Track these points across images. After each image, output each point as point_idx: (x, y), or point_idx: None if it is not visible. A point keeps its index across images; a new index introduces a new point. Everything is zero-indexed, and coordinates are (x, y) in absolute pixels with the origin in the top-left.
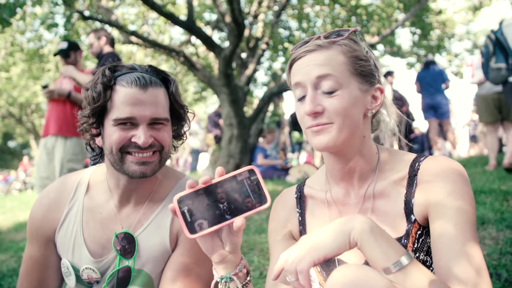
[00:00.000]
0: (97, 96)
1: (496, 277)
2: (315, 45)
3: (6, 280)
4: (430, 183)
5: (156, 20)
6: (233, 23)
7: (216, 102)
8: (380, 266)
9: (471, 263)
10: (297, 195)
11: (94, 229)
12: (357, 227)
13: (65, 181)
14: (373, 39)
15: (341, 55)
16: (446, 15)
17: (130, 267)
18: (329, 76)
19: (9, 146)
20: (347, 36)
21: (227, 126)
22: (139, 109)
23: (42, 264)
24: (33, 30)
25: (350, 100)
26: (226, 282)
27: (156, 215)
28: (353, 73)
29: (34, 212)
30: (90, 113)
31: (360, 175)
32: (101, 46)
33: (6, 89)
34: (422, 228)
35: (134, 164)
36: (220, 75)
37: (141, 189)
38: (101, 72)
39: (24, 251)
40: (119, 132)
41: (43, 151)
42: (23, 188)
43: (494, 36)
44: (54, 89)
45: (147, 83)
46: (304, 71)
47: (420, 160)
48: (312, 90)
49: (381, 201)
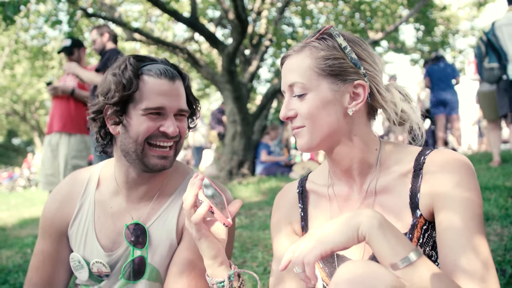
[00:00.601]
0: (127, 83)
1: (501, 273)
2: (292, 50)
3: (12, 276)
4: (436, 176)
5: (159, 17)
6: (237, 20)
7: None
8: (388, 261)
9: (478, 256)
10: (299, 190)
11: (105, 224)
12: (365, 222)
13: (76, 177)
14: (377, 36)
15: (307, 58)
16: (451, 11)
17: (144, 257)
18: (295, 84)
19: (14, 143)
20: (318, 35)
21: (230, 123)
22: (169, 100)
23: (54, 259)
24: (37, 27)
25: (318, 102)
26: (231, 281)
27: (165, 209)
28: (320, 74)
29: (47, 207)
30: (118, 100)
31: (360, 172)
32: (103, 42)
33: (10, 86)
34: (427, 223)
35: (155, 158)
36: (224, 72)
37: (150, 184)
38: (126, 60)
39: (35, 246)
40: (148, 122)
41: (47, 148)
42: (28, 185)
43: (485, 37)
44: (58, 86)
45: (174, 75)
46: (283, 78)
47: (426, 153)
48: (288, 96)
49: (385, 196)
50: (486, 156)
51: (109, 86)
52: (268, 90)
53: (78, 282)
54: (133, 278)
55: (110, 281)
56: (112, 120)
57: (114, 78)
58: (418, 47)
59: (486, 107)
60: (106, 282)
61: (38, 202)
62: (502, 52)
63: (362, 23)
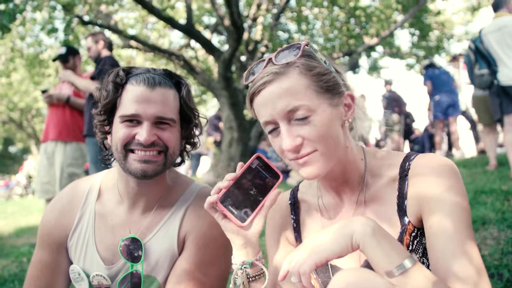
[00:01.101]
0: (106, 93)
1: (498, 277)
2: (272, 74)
3: (8, 285)
4: (422, 181)
5: (155, 24)
6: (232, 26)
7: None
8: (382, 269)
9: (470, 261)
10: (291, 201)
11: (106, 236)
12: (359, 229)
13: (76, 187)
14: (372, 41)
15: (302, 78)
16: (445, 16)
17: (140, 272)
18: (299, 108)
19: (10, 151)
20: (301, 53)
21: (227, 129)
22: (144, 107)
23: (52, 269)
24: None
25: (325, 122)
26: (246, 268)
27: (166, 221)
28: (319, 92)
29: (46, 217)
30: (101, 110)
31: (350, 183)
32: (99, 50)
33: (6, 94)
34: (416, 230)
35: (136, 162)
36: (220, 78)
37: (150, 194)
38: (115, 72)
39: (33, 255)
40: (124, 129)
41: (43, 156)
42: (24, 194)
43: (473, 45)
44: (53, 93)
45: (156, 82)
46: (270, 107)
47: (411, 158)
48: (285, 124)
49: (374, 205)
50: (482, 160)
51: (97, 98)
52: None
53: None
54: None
55: None
56: (101, 131)
57: (98, 92)
58: (413, 52)
59: (481, 111)
60: None
61: (34, 210)
62: (491, 59)
63: (357, 29)
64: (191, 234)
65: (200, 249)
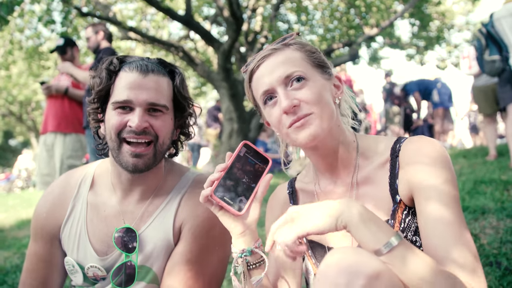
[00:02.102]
0: (100, 81)
1: (496, 266)
2: (270, 50)
3: (10, 277)
4: (412, 163)
5: (154, 15)
6: (232, 17)
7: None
8: (371, 248)
9: (468, 249)
10: (289, 191)
11: (99, 227)
12: (346, 211)
13: (69, 178)
14: (372, 31)
15: (296, 52)
16: (445, 5)
17: (134, 262)
18: (295, 72)
19: (10, 144)
20: (294, 37)
21: (227, 121)
22: (136, 93)
23: (47, 261)
24: (32, 28)
25: (319, 88)
26: (246, 256)
27: (161, 210)
28: (312, 65)
29: (38, 209)
30: (94, 97)
31: (343, 164)
32: (98, 40)
33: (6, 87)
34: (408, 208)
35: (128, 156)
36: (219, 70)
37: (145, 185)
38: (109, 60)
39: (28, 248)
40: (116, 117)
41: (43, 148)
42: (25, 186)
43: (485, 30)
44: (52, 85)
45: (148, 69)
46: (268, 76)
47: (401, 141)
48: (283, 89)
49: (367, 187)
50: (482, 150)
51: (91, 86)
52: None
53: (74, 284)
54: (124, 284)
55: (105, 283)
56: (94, 119)
57: (92, 79)
58: (414, 42)
59: (482, 102)
60: (101, 284)
61: (35, 203)
62: (503, 44)
63: (357, 19)
64: (187, 223)
65: (197, 238)
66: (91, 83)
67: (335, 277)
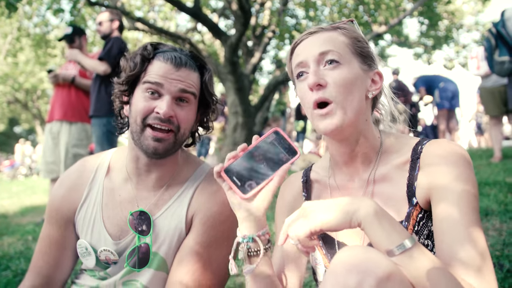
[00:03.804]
0: (133, 65)
1: (498, 267)
2: (317, 28)
3: (14, 262)
4: (433, 166)
5: (162, 6)
6: (240, 11)
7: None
8: (383, 248)
9: (475, 247)
10: (303, 179)
11: (113, 211)
12: (361, 209)
13: (85, 163)
14: (381, 29)
15: (342, 36)
16: (455, 5)
17: (148, 245)
18: (331, 51)
19: (15, 131)
20: (346, 22)
21: (232, 114)
22: (169, 81)
23: (60, 244)
24: (40, 15)
25: (352, 75)
26: (247, 241)
27: (175, 200)
28: (353, 52)
29: (54, 193)
30: (125, 80)
31: (364, 159)
32: (112, 28)
33: (12, 74)
34: (423, 212)
35: (150, 139)
36: (226, 63)
37: (161, 172)
38: (143, 46)
39: (42, 230)
40: (144, 102)
41: (48, 136)
42: (29, 174)
43: (495, 29)
44: (59, 73)
45: (182, 63)
46: (306, 50)
47: (423, 143)
48: (315, 66)
49: (384, 185)
50: (487, 152)
51: (122, 68)
52: (270, 82)
53: (84, 267)
54: (138, 266)
55: (116, 267)
56: (120, 100)
57: (124, 61)
58: (422, 41)
59: (489, 103)
60: (112, 268)
61: (39, 190)
62: None
63: (365, 16)
64: (198, 214)
65: (207, 229)
66: (124, 65)
67: (345, 276)
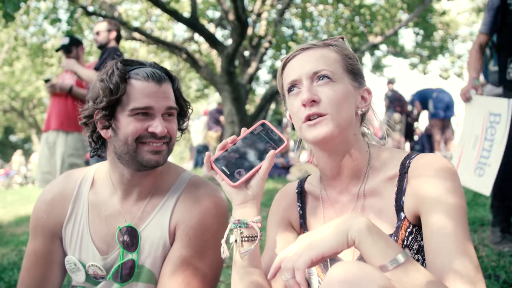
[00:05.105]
0: (114, 88)
1: (494, 278)
2: (310, 44)
3: (7, 273)
4: (421, 180)
5: (159, 16)
6: (237, 21)
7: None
8: (377, 263)
9: (468, 259)
10: (298, 190)
11: (100, 226)
12: (354, 227)
13: (69, 177)
14: (376, 39)
15: (333, 52)
16: (450, 16)
17: (134, 260)
18: (324, 70)
19: (11, 140)
20: (337, 38)
21: (228, 124)
22: (156, 100)
23: (46, 259)
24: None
25: (343, 92)
26: (240, 227)
27: (158, 211)
28: (345, 69)
29: (37, 207)
30: (106, 104)
31: (352, 173)
32: (109, 38)
33: (9, 83)
34: (412, 226)
35: (149, 153)
36: (223, 73)
37: (143, 184)
38: (114, 65)
39: (27, 246)
40: (135, 123)
41: (44, 146)
42: (24, 183)
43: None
44: (56, 83)
45: (162, 78)
46: (299, 67)
47: (411, 157)
48: (308, 83)
49: (373, 199)
50: None
51: (98, 91)
52: (267, 92)
53: (74, 284)
54: (120, 280)
55: (107, 283)
56: (102, 125)
57: (102, 84)
58: (417, 52)
59: None
60: (103, 284)
61: (34, 199)
62: None
63: (361, 27)
64: (181, 224)
65: (190, 240)
66: (100, 89)
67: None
